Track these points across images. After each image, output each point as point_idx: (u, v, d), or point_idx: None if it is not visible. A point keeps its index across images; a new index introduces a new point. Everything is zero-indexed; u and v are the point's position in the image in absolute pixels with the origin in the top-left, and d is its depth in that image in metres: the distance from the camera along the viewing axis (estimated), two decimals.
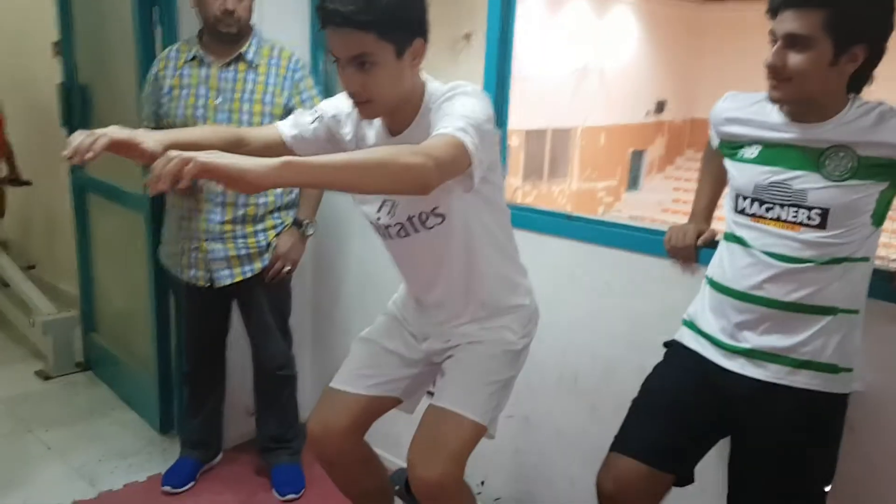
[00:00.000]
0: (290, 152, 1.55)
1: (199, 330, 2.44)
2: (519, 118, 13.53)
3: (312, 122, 1.58)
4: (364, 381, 1.67)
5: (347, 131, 1.58)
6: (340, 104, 1.58)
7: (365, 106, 1.43)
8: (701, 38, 17.58)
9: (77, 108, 3.11)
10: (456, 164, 1.29)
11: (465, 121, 1.32)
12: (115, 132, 1.32)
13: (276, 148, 1.56)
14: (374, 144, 1.53)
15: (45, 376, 3.34)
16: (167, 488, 2.43)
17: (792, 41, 1.36)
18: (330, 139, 1.60)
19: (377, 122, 1.53)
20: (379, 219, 1.56)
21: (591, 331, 2.03)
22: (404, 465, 1.62)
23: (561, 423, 2.12)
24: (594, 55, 15.43)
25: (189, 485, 2.47)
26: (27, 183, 4.05)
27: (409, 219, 1.52)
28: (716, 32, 16.84)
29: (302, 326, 2.69)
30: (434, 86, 1.48)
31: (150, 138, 1.35)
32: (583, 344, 2.04)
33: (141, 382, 2.96)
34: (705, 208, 1.80)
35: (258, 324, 2.38)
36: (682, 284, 1.79)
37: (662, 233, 1.85)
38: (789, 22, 1.35)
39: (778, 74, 1.40)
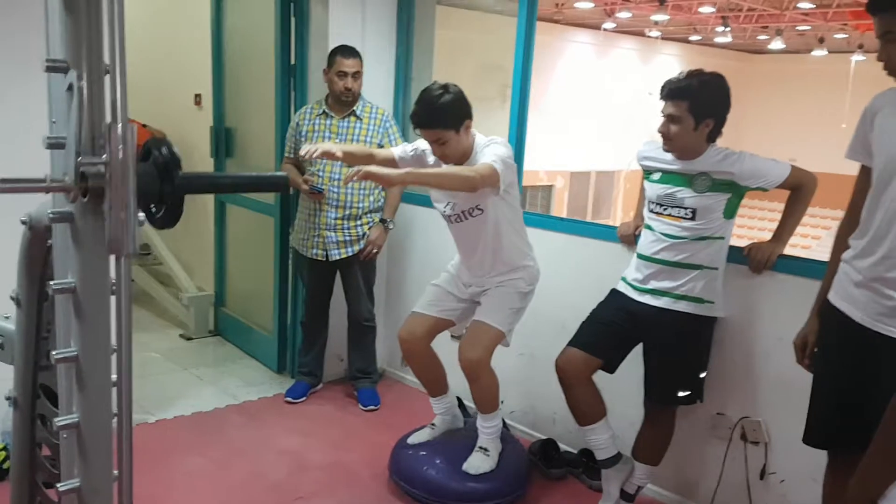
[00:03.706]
0: (396, 165, 2.73)
1: (314, 290, 3.61)
2: (564, 160, 14.53)
3: (411, 152, 2.74)
4: (433, 308, 2.80)
5: (431, 160, 2.71)
6: (426, 143, 2.70)
7: (443, 159, 2.61)
8: (745, 88, 18.28)
9: (223, 144, 4.35)
10: (491, 179, 2.44)
11: (497, 157, 2.48)
12: (327, 146, 2.48)
13: (390, 162, 2.74)
14: None
15: (187, 338, 4.54)
16: (289, 399, 3.59)
17: (671, 118, 2.43)
18: (417, 160, 2.75)
19: None
20: (445, 211, 2.70)
21: (572, 291, 3.08)
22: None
23: (553, 357, 3.14)
24: (639, 102, 16.20)
25: (302, 399, 3.61)
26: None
27: (463, 212, 2.65)
28: (759, 83, 17.45)
29: (379, 294, 3.82)
30: (479, 139, 2.64)
31: (338, 150, 2.55)
32: (568, 301, 3.09)
33: (261, 339, 4.13)
34: (640, 212, 2.85)
35: (353, 287, 3.53)
36: (625, 258, 2.83)
37: (615, 228, 2.93)
38: (668, 108, 2.43)
39: (665, 137, 2.47)
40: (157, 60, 5.20)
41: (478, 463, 2.70)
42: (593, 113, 15.19)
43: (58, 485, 1.34)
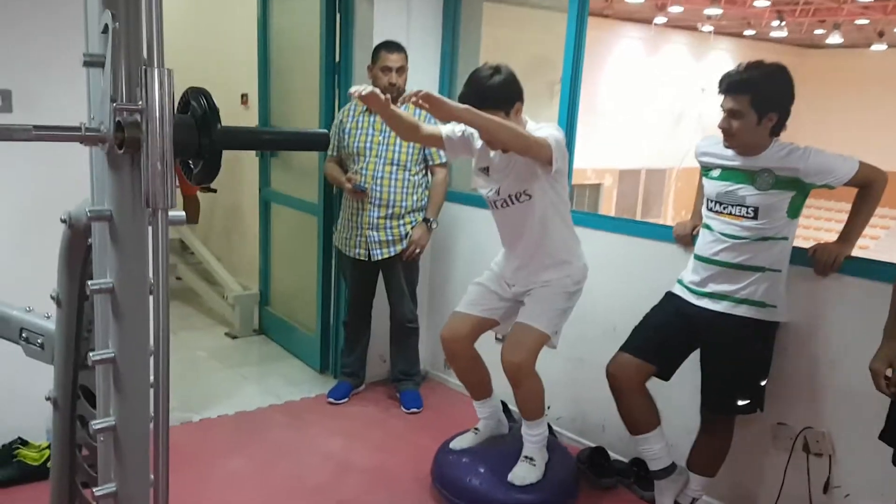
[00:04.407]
0: (443, 144, 2.63)
1: (357, 290, 3.56)
2: (613, 158, 14.31)
3: (459, 133, 2.60)
4: (476, 307, 2.70)
5: (479, 144, 2.59)
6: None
7: (490, 144, 2.47)
8: (801, 84, 17.62)
9: None
10: (543, 149, 2.33)
11: (550, 136, 2.37)
12: (374, 89, 2.30)
13: (436, 139, 2.63)
14: (495, 154, 2.56)
15: (232, 336, 4.55)
16: (331, 400, 3.55)
17: (732, 113, 2.30)
18: (464, 143, 2.61)
19: None
20: (490, 196, 2.59)
21: (623, 293, 2.97)
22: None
23: (603, 361, 3.02)
24: (691, 98, 15.90)
25: (344, 400, 3.57)
26: (213, 190, 5.25)
27: (509, 196, 2.54)
28: (815, 79, 16.98)
29: (422, 294, 3.75)
30: (530, 124, 2.52)
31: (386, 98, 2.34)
32: (618, 303, 2.98)
33: (304, 339, 4.11)
34: (698, 210, 2.73)
35: (396, 288, 3.47)
36: (682, 260, 2.71)
37: (671, 228, 2.81)
38: (729, 102, 2.30)
39: (726, 133, 2.34)
40: (203, 60, 5.24)
41: (523, 473, 2.60)
42: (643, 109, 14.94)
43: (94, 489, 1.30)
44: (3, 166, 2.59)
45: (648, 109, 15.09)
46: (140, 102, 1.00)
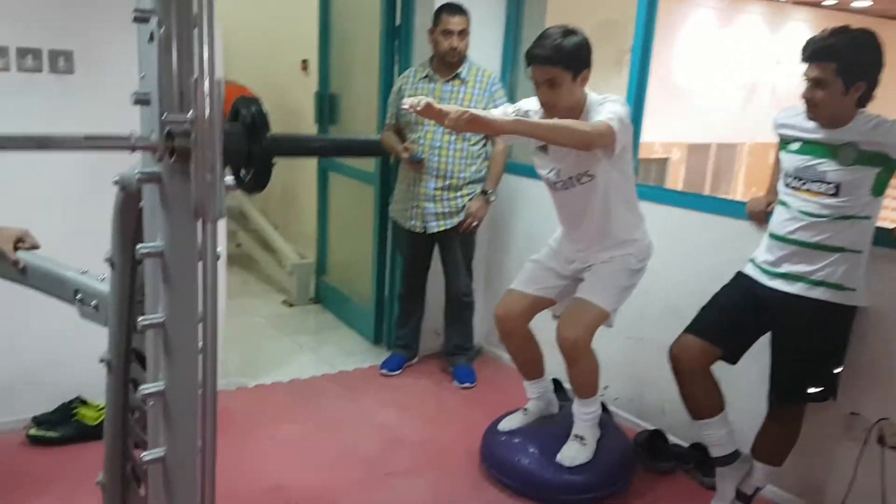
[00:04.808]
0: None
1: (412, 263, 3.52)
2: (681, 131, 13.87)
3: (513, 113, 2.49)
4: (532, 285, 2.62)
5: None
6: (531, 104, 2.50)
7: (549, 109, 2.35)
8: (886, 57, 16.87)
9: (327, 110, 4.32)
10: (605, 137, 2.20)
11: (613, 115, 2.23)
12: (429, 100, 2.14)
13: None
14: None
15: (289, 304, 4.59)
16: (384, 371, 3.54)
17: (816, 83, 2.14)
18: None
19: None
20: (549, 178, 2.49)
21: (688, 272, 2.84)
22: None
23: (665, 342, 2.91)
24: (766, 71, 15.27)
25: (397, 372, 3.55)
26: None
27: (570, 178, 2.43)
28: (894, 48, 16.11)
29: (478, 268, 3.67)
30: (592, 96, 2.40)
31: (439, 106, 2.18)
32: (682, 282, 2.85)
33: (359, 309, 4.10)
34: (774, 186, 2.57)
35: (451, 261, 3.41)
36: (754, 239, 2.55)
37: (744, 203, 2.66)
38: (813, 71, 2.13)
39: (810, 103, 2.18)
40: (264, 25, 5.23)
41: (573, 453, 2.53)
42: (715, 82, 14.39)
43: (143, 454, 1.30)
44: (62, 129, 2.62)
45: (720, 82, 14.54)
46: (191, 113, 0.98)
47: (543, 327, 2.70)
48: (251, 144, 1.12)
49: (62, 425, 2.71)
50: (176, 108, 1.05)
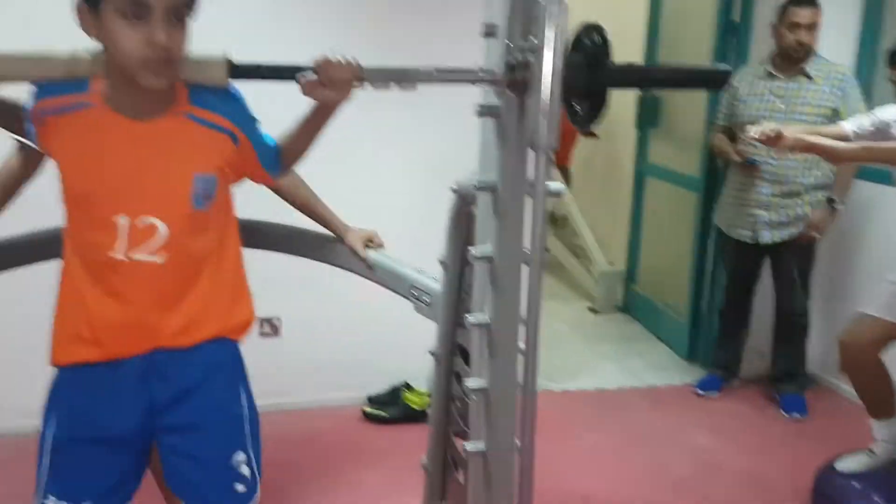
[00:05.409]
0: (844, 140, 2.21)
1: (737, 276, 3.24)
2: None
3: (870, 126, 2.19)
4: (889, 310, 2.22)
5: None
6: (891, 113, 2.14)
7: None
8: None
9: (648, 114, 4.18)
10: None
11: None
12: (778, 129, 2.04)
13: (840, 139, 2.22)
14: None
15: (594, 311, 4.54)
16: (699, 391, 3.31)
17: None
18: (878, 135, 2.18)
19: None
20: None
21: None
22: None
23: None
24: None
25: (714, 393, 3.30)
26: (595, 135, 4.93)
27: None
28: None
29: (814, 285, 3.21)
30: None
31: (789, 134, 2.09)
32: None
33: (672, 323, 3.90)
34: None
35: (784, 277, 3.06)
36: None
37: None
38: None
39: None
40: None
41: None
42: None
43: (466, 444, 1.37)
44: (410, 138, 2.89)
45: None
46: (533, 39, 1.00)
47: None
48: (590, 74, 1.08)
49: (392, 406, 3.01)
50: (519, 38, 1.08)
